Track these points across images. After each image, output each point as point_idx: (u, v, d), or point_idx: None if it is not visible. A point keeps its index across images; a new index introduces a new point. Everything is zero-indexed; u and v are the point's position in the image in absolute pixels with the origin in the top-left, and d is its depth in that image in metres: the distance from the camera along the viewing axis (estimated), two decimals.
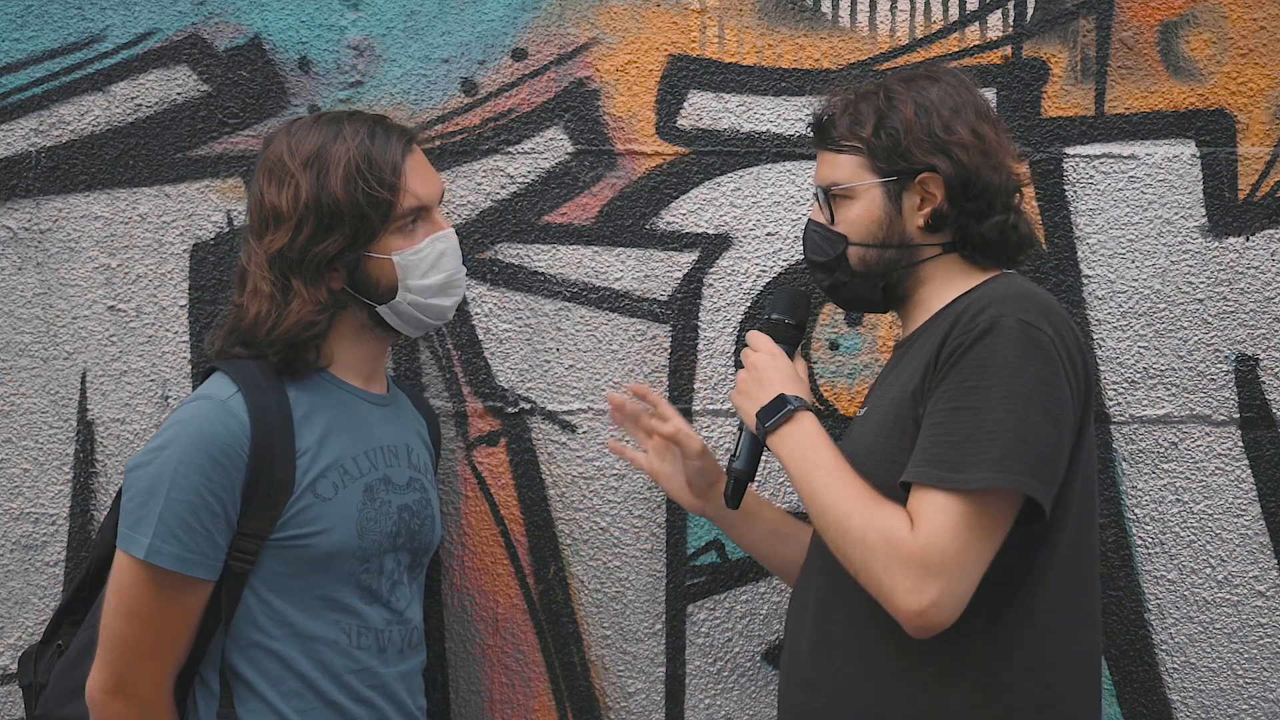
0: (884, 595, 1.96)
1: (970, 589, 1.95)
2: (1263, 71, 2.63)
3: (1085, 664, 2.12)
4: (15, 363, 2.74)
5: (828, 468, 2.06)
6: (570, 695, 2.72)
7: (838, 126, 2.20)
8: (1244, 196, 2.63)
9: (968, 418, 1.96)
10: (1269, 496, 2.63)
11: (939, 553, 1.92)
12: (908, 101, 2.14)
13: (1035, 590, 2.04)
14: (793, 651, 2.23)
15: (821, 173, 2.25)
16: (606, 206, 2.70)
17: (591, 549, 2.71)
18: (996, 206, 2.15)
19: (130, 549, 2.10)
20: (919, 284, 2.20)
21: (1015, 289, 2.06)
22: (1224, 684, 2.65)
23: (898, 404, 2.09)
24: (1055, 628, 2.06)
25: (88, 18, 2.72)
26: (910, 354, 2.15)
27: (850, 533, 2.00)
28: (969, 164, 2.12)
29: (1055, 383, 1.97)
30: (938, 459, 1.96)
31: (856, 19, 2.67)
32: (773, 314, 2.31)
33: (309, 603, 2.18)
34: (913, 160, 2.13)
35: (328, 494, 2.19)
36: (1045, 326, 1.99)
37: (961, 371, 1.98)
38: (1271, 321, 2.63)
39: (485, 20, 2.71)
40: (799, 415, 2.13)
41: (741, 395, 2.22)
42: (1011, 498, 1.96)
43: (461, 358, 2.72)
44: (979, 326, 1.99)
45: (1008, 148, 2.19)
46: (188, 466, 2.10)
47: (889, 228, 2.17)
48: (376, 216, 2.19)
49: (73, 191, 2.73)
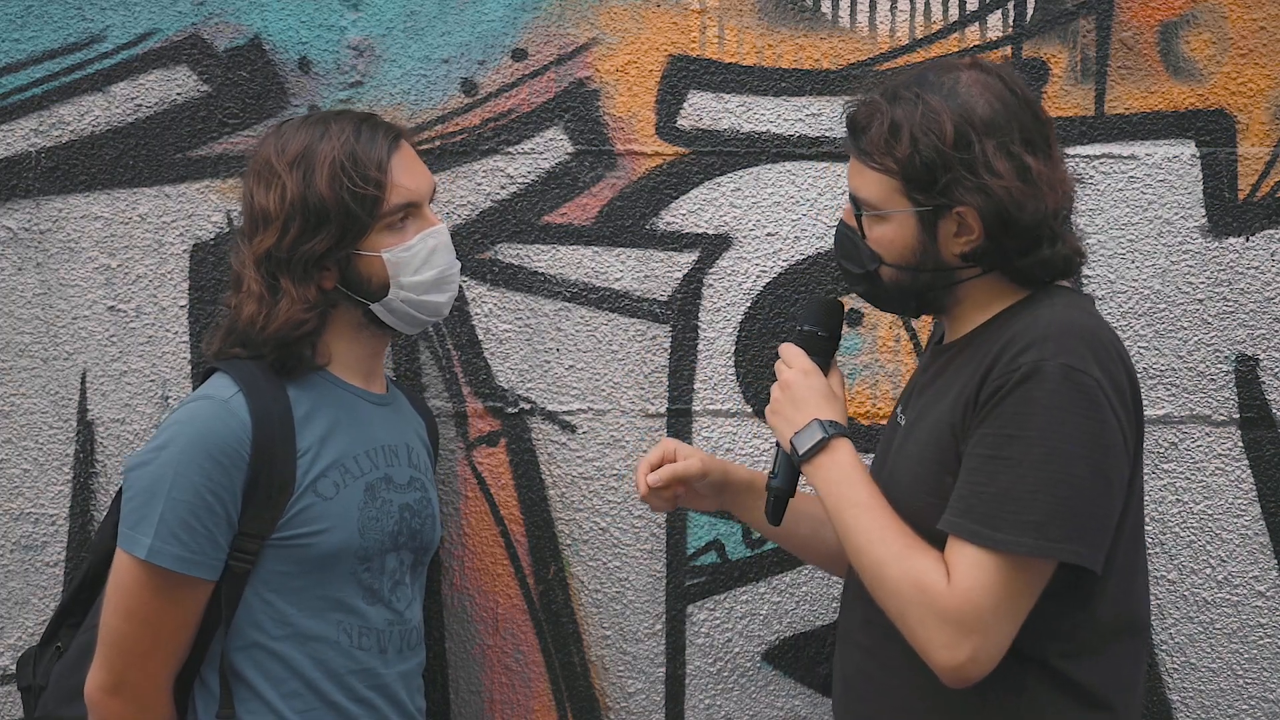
0: (919, 646, 1.93)
1: (1007, 642, 1.91)
2: (1263, 71, 2.63)
3: (1137, 704, 2.09)
4: (15, 363, 2.74)
5: (864, 506, 2.01)
6: (570, 695, 2.72)
7: (870, 137, 2.03)
8: (1244, 197, 2.63)
9: (1005, 470, 1.89)
10: (1269, 496, 2.63)
11: (975, 609, 1.88)
12: (947, 123, 1.96)
13: (1090, 619, 1.99)
14: (844, 686, 2.19)
15: (853, 181, 2.10)
16: (606, 207, 2.70)
17: (591, 549, 2.71)
18: (1041, 241, 2.01)
19: (131, 549, 2.10)
20: (957, 301, 2.09)
21: (1060, 322, 1.95)
22: (1224, 684, 2.65)
23: (937, 435, 2.02)
24: (1111, 653, 2.02)
25: (88, 18, 2.72)
26: (951, 371, 2.06)
27: (886, 581, 1.96)
28: (1010, 204, 1.96)
29: (1104, 432, 1.90)
30: (973, 511, 1.91)
31: (856, 19, 2.67)
32: (804, 325, 2.22)
33: (310, 603, 2.18)
34: (950, 196, 1.98)
35: (329, 493, 2.19)
36: (1092, 369, 1.90)
37: (1000, 419, 1.91)
38: (1271, 321, 2.63)
39: (485, 20, 2.71)
40: (834, 444, 2.07)
41: (776, 415, 2.15)
42: (1052, 560, 1.92)
43: (461, 358, 2.72)
44: (1021, 370, 1.90)
45: (1058, 167, 2.03)
46: (188, 466, 2.10)
47: (923, 254, 2.04)
48: (363, 214, 2.19)
49: (73, 192, 2.73)
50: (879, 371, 2.68)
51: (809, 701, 2.69)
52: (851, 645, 2.18)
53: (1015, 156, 1.97)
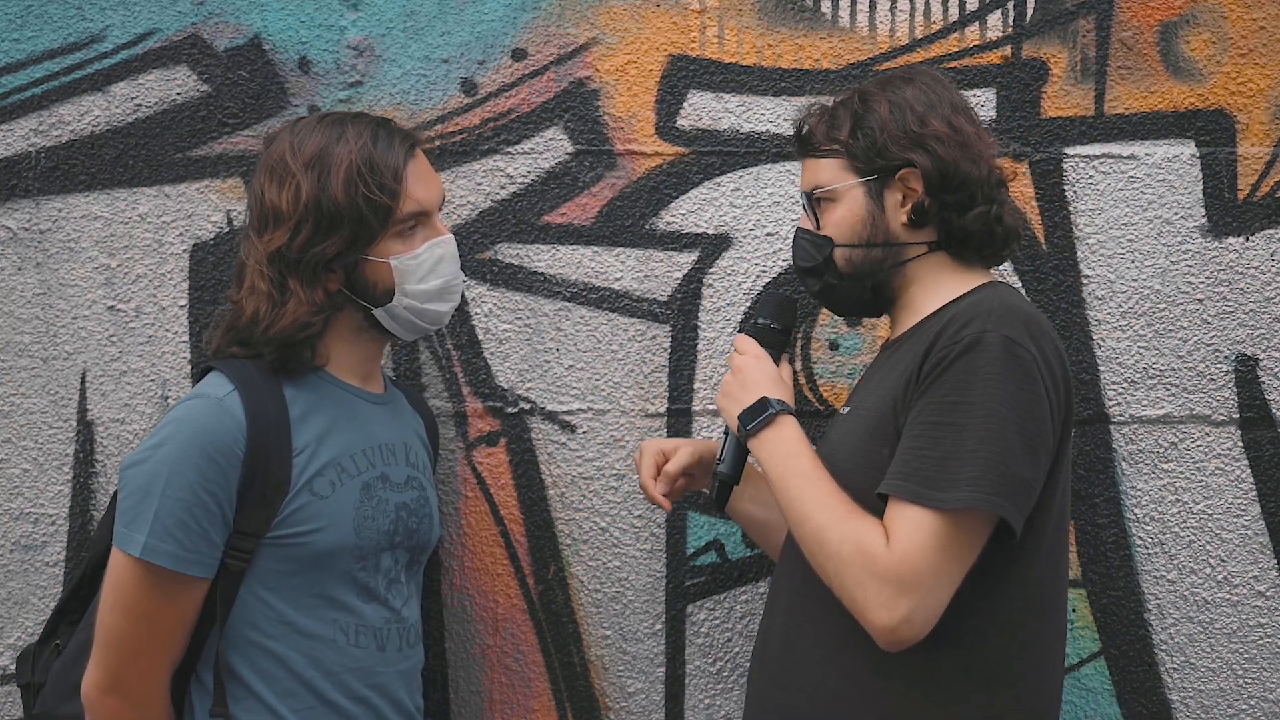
0: (857, 609, 1.98)
1: (942, 605, 1.96)
2: (1263, 71, 2.63)
3: (1053, 679, 2.15)
4: (15, 363, 2.74)
5: (806, 475, 2.08)
6: (570, 695, 2.72)
7: (816, 133, 2.23)
8: (1244, 196, 2.63)
9: (949, 434, 1.97)
10: (1269, 496, 2.63)
11: (912, 569, 1.94)
12: (882, 101, 2.17)
13: (1010, 605, 2.06)
14: (763, 644, 2.24)
15: (805, 179, 2.27)
16: (606, 206, 2.70)
17: (591, 549, 2.71)
18: (978, 198, 2.16)
19: (126, 547, 2.10)
20: (907, 284, 2.20)
21: (1001, 302, 2.06)
22: (1224, 684, 2.65)
23: (879, 412, 2.10)
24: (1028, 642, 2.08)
25: (88, 18, 2.72)
26: (895, 359, 2.15)
27: (826, 544, 2.01)
28: (946, 156, 2.13)
29: (1035, 404, 1.99)
30: (915, 473, 1.97)
31: (856, 19, 2.67)
32: (759, 318, 2.31)
33: (306, 601, 2.18)
34: (890, 157, 2.15)
35: (325, 492, 2.19)
36: (1029, 344, 2.00)
37: (944, 386, 1.99)
38: (1271, 321, 2.63)
39: (485, 20, 2.71)
40: (780, 419, 2.14)
41: (725, 397, 2.23)
42: (986, 518, 1.98)
43: (461, 358, 2.72)
44: (963, 341, 2.00)
45: (986, 141, 2.21)
46: (184, 465, 2.10)
47: (873, 227, 2.18)
48: (376, 220, 2.19)
49: (72, 191, 2.73)
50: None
51: None
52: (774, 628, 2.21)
53: (945, 118, 2.16)
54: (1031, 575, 2.07)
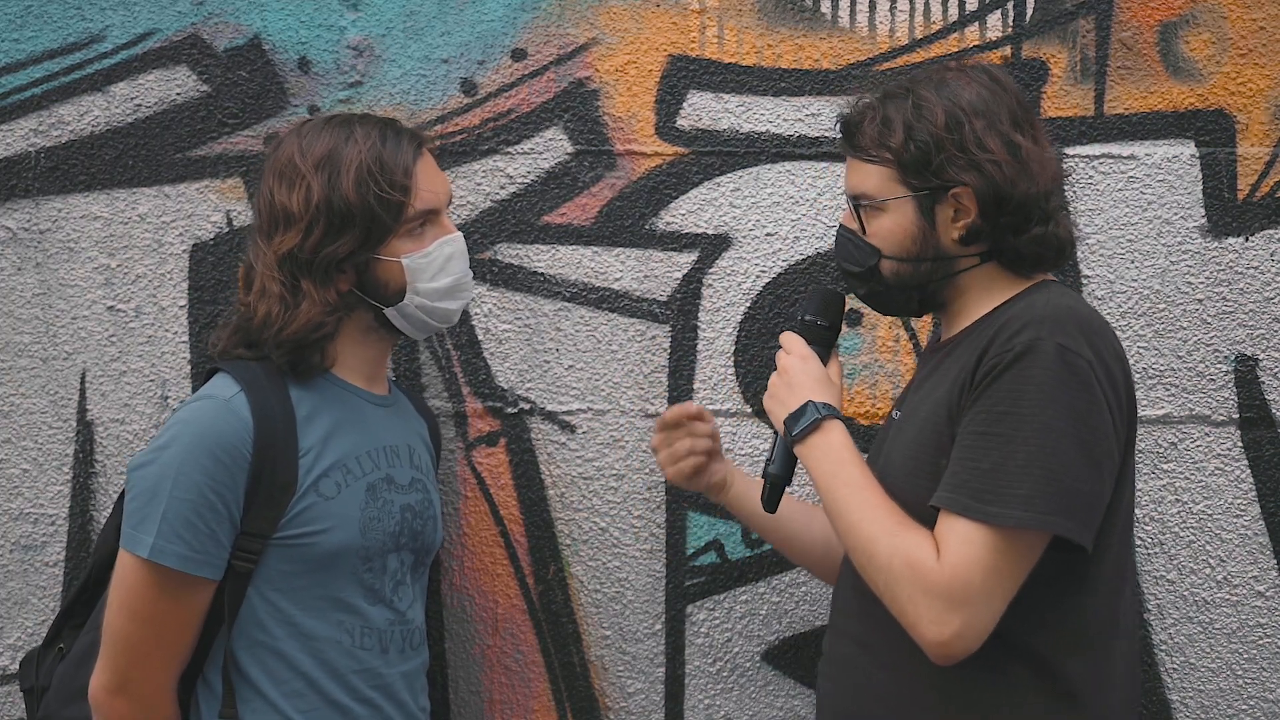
0: (908, 623, 1.95)
1: (994, 619, 1.93)
2: (1262, 71, 2.63)
3: (1125, 689, 2.10)
4: (15, 363, 2.74)
5: (855, 485, 2.04)
6: (570, 695, 2.72)
7: (865, 134, 2.12)
8: (1243, 197, 2.63)
9: (997, 445, 1.92)
10: (1269, 496, 2.63)
11: (964, 584, 1.90)
12: (938, 110, 2.06)
13: (1079, 617, 2.02)
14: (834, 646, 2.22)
15: (851, 181, 2.17)
16: (606, 206, 2.70)
17: (591, 549, 2.71)
18: (1033, 218, 2.07)
19: (134, 548, 2.10)
20: (958, 293, 2.14)
21: (1055, 306, 2.00)
22: (1224, 684, 2.65)
23: (933, 420, 2.05)
24: (1099, 654, 2.04)
25: (87, 18, 2.72)
26: (948, 364, 2.10)
27: (876, 557, 1.98)
28: (1002, 179, 2.03)
29: (1093, 412, 1.93)
30: (964, 486, 1.93)
31: (856, 19, 2.67)
32: (805, 315, 2.26)
33: (312, 602, 2.18)
34: (944, 176, 2.05)
35: (330, 493, 2.19)
36: (1085, 350, 1.94)
37: (994, 395, 1.94)
38: (1271, 321, 2.63)
39: (485, 20, 2.71)
40: (826, 424, 2.10)
41: (772, 399, 2.19)
42: (1042, 534, 1.94)
43: (461, 358, 2.72)
44: (1015, 349, 1.94)
45: (1045, 150, 2.12)
46: (191, 466, 2.10)
47: (922, 242, 2.10)
48: (388, 219, 2.20)
49: (72, 191, 2.73)
50: (879, 371, 2.68)
51: (809, 701, 2.69)
52: (844, 639, 2.19)
53: (1004, 135, 2.06)
54: (1098, 584, 2.02)
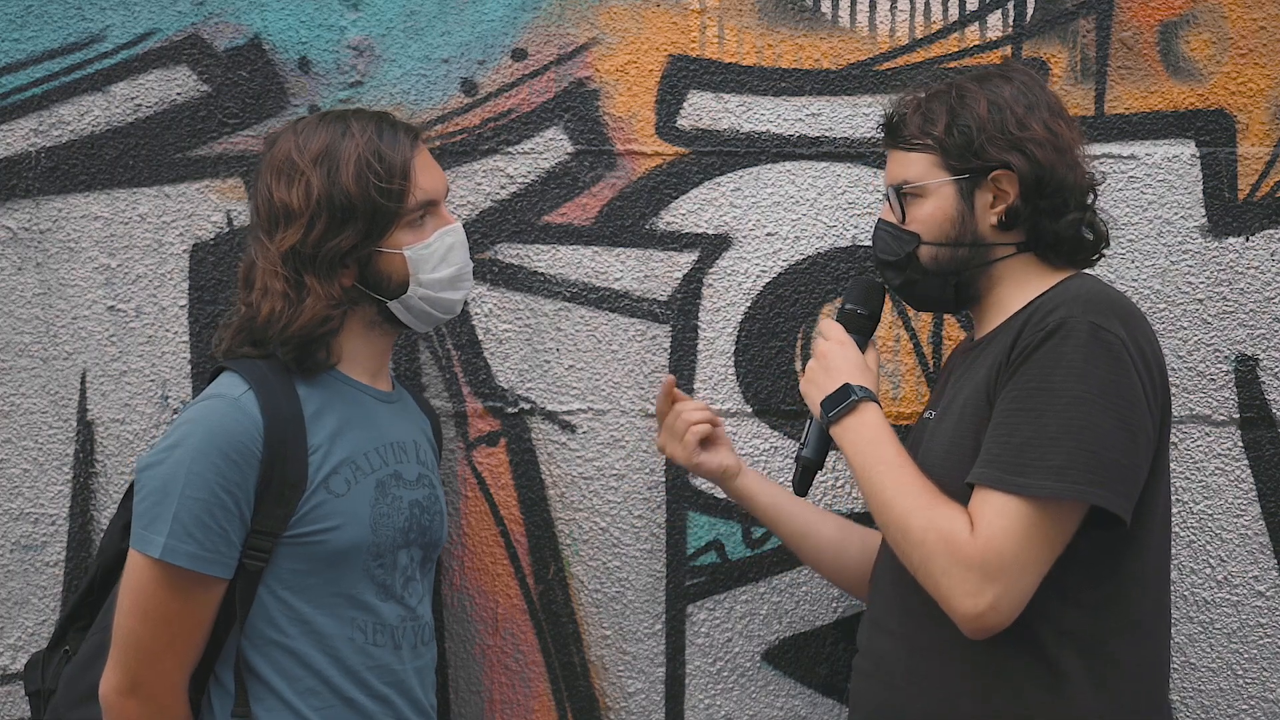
0: (942, 596, 1.96)
1: (1029, 592, 1.94)
2: (1263, 71, 2.63)
3: (1165, 671, 2.13)
4: (15, 363, 2.74)
5: (890, 463, 2.06)
6: (570, 695, 2.72)
7: (909, 125, 2.18)
8: (1244, 196, 2.63)
9: (1029, 419, 1.95)
10: (1269, 496, 2.63)
11: (998, 556, 1.92)
12: (980, 99, 2.12)
13: (1124, 597, 2.03)
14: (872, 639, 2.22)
15: (892, 172, 2.22)
16: (606, 206, 2.70)
17: (591, 549, 2.71)
18: (1071, 204, 2.12)
19: (145, 548, 2.10)
20: (992, 284, 2.17)
21: (1090, 290, 2.04)
22: (1224, 684, 2.65)
23: (973, 404, 2.07)
24: (1143, 635, 2.06)
25: (88, 18, 2.72)
26: (983, 358, 2.12)
27: (911, 532, 2.00)
28: (1044, 160, 2.09)
29: (1126, 385, 1.95)
30: (997, 460, 1.96)
31: (856, 19, 2.67)
32: (846, 303, 2.30)
33: (325, 600, 2.18)
34: (986, 157, 2.11)
35: (340, 490, 2.19)
36: (1117, 329, 1.96)
37: (1028, 372, 1.97)
38: (1271, 321, 2.63)
39: (485, 20, 2.71)
40: (862, 406, 2.13)
41: (809, 384, 2.22)
42: (1076, 506, 1.95)
43: (461, 358, 2.72)
44: (1048, 326, 1.97)
45: (1082, 145, 2.17)
46: (202, 464, 2.10)
47: (961, 226, 2.15)
48: (388, 211, 2.20)
49: (73, 191, 2.73)
50: (878, 371, 2.68)
51: (809, 701, 2.69)
52: (882, 632, 2.19)
53: (1045, 121, 2.11)
54: (1143, 569, 2.04)
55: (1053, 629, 1.99)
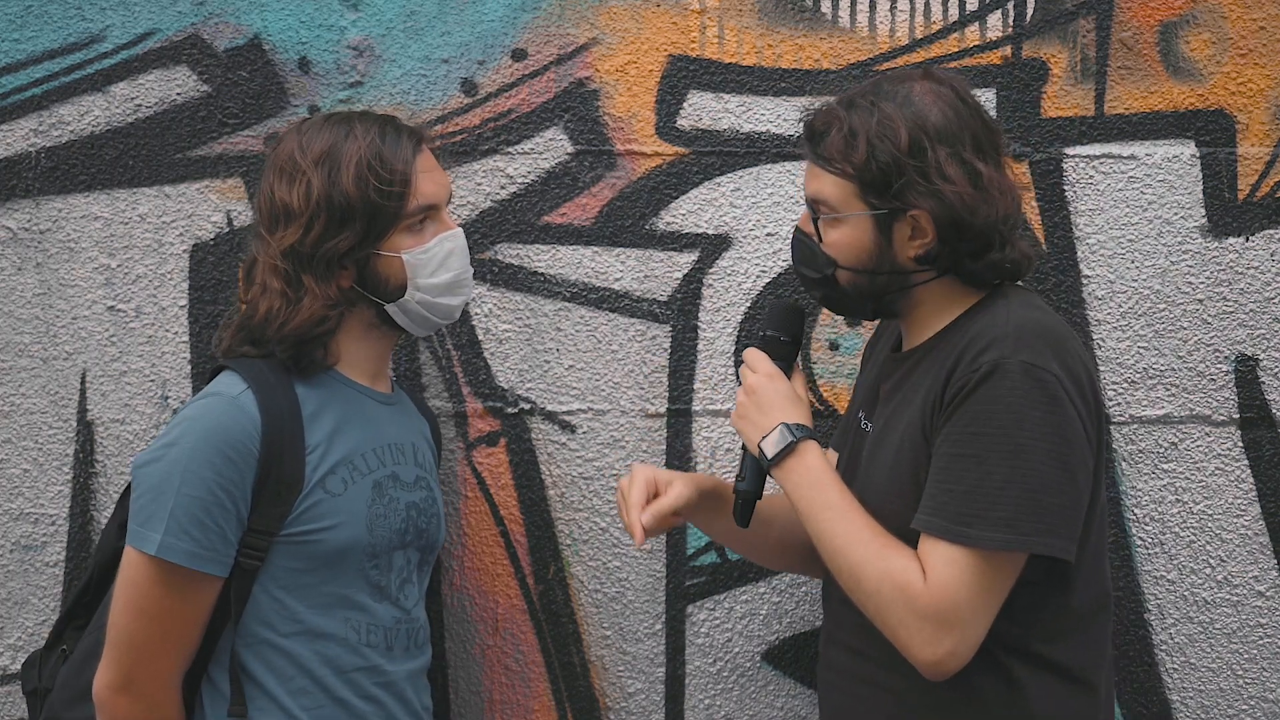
0: (900, 645, 1.98)
1: (983, 633, 1.97)
2: (1263, 71, 2.63)
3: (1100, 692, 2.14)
4: (15, 363, 2.74)
5: (835, 508, 2.05)
6: (570, 695, 2.72)
7: (830, 143, 2.09)
8: (1244, 197, 2.63)
9: (972, 467, 1.95)
10: (1269, 496, 2.63)
11: (952, 605, 1.94)
12: (901, 130, 2.03)
13: (1067, 607, 2.06)
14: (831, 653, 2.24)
15: (810, 184, 2.15)
16: (606, 207, 2.70)
17: (591, 549, 2.71)
18: (992, 244, 2.08)
19: (141, 545, 2.10)
20: (914, 304, 2.15)
21: (1019, 321, 2.01)
22: (1224, 684, 2.65)
23: (909, 439, 2.06)
24: (1093, 629, 2.10)
25: (88, 18, 2.72)
26: (916, 378, 2.11)
27: (864, 581, 2.00)
28: (962, 208, 2.03)
29: (1064, 424, 1.95)
30: (943, 509, 1.96)
31: (856, 19, 2.67)
32: (767, 330, 2.26)
33: (319, 600, 2.19)
34: (904, 200, 2.05)
35: (337, 490, 2.19)
36: (1050, 365, 1.96)
37: (965, 416, 1.97)
38: (1271, 321, 2.63)
39: (485, 20, 2.71)
40: (801, 447, 2.11)
41: (742, 420, 2.18)
42: (1023, 553, 1.98)
43: (461, 358, 2.72)
44: (981, 369, 1.96)
45: (1006, 173, 2.11)
46: (199, 463, 2.10)
47: (879, 257, 2.10)
48: (388, 213, 2.21)
49: (73, 192, 2.73)
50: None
51: (809, 701, 2.69)
52: (840, 648, 2.21)
53: (967, 163, 2.05)
54: (1070, 603, 2.06)
55: (1003, 645, 2.02)
